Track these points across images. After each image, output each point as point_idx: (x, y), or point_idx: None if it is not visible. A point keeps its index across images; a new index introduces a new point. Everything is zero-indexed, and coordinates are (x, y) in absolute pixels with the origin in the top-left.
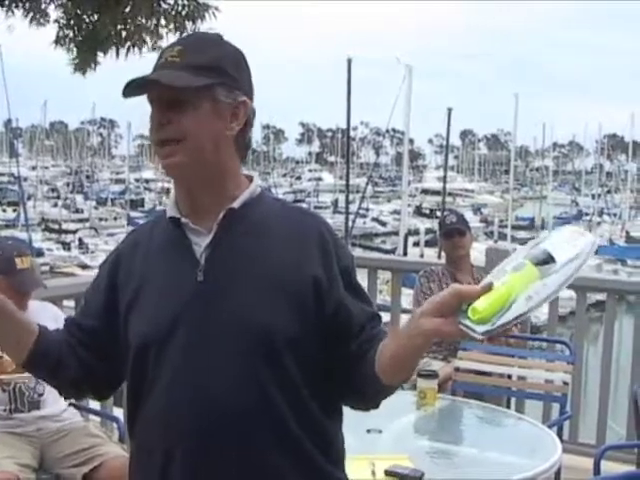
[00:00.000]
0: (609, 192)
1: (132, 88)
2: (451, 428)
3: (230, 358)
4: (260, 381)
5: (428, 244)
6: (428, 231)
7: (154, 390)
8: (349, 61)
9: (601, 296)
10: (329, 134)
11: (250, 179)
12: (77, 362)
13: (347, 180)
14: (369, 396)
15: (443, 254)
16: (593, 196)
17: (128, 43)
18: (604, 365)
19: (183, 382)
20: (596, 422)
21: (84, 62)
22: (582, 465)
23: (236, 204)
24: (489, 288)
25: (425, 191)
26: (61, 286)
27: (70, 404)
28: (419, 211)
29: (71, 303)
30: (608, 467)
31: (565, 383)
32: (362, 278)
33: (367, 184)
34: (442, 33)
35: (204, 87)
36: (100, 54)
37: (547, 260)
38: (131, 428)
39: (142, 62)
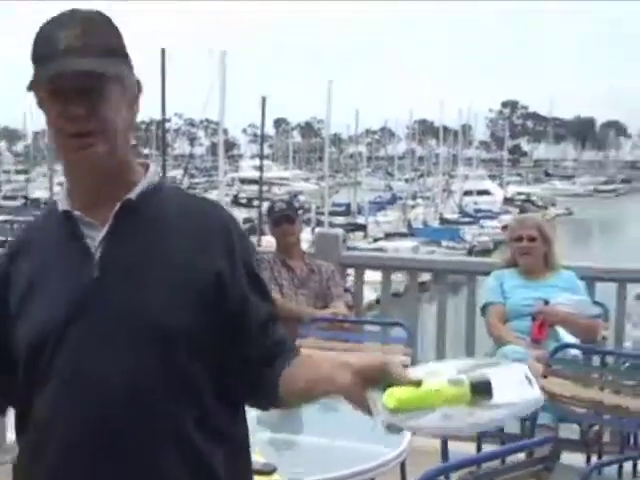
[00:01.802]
0: (421, 176)
1: (42, 78)
2: (297, 418)
3: (125, 356)
4: (154, 379)
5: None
6: (246, 220)
7: (43, 394)
8: (163, 51)
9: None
10: (142, 126)
11: (146, 167)
12: None
13: (164, 172)
14: (264, 403)
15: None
16: (406, 180)
17: None
18: (439, 347)
19: (75, 385)
20: None
21: None
22: (424, 445)
23: (133, 194)
24: (418, 384)
25: (242, 180)
26: None
27: None
28: (236, 201)
29: None
30: (454, 446)
31: (405, 366)
32: None
33: (184, 176)
34: (259, 25)
35: (118, 73)
36: None
37: (485, 393)
38: (20, 432)
39: None
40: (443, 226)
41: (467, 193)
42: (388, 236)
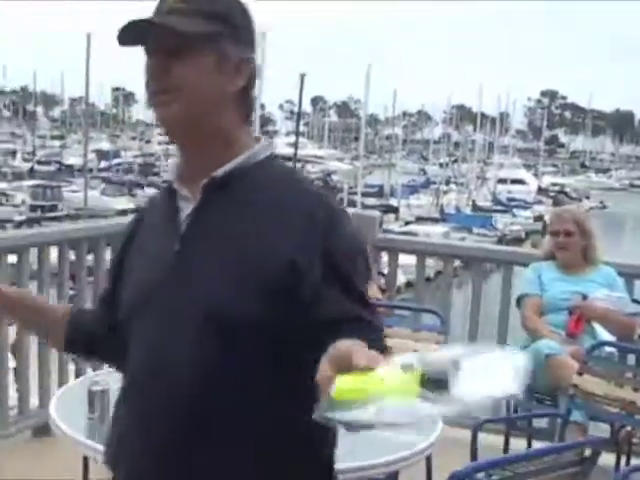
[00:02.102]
0: (456, 161)
1: (130, 34)
2: None
3: (189, 339)
4: (215, 365)
5: None
6: None
7: (128, 364)
8: None
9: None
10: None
11: (258, 140)
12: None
13: None
14: None
15: None
16: (441, 165)
17: None
18: (471, 335)
19: (145, 359)
20: None
21: None
22: (448, 435)
23: (221, 171)
24: (368, 371)
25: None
26: None
27: None
28: None
29: None
30: (479, 438)
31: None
32: None
33: None
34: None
35: (210, 35)
36: None
37: (437, 384)
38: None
39: None
40: (475, 213)
41: (501, 181)
42: (419, 220)
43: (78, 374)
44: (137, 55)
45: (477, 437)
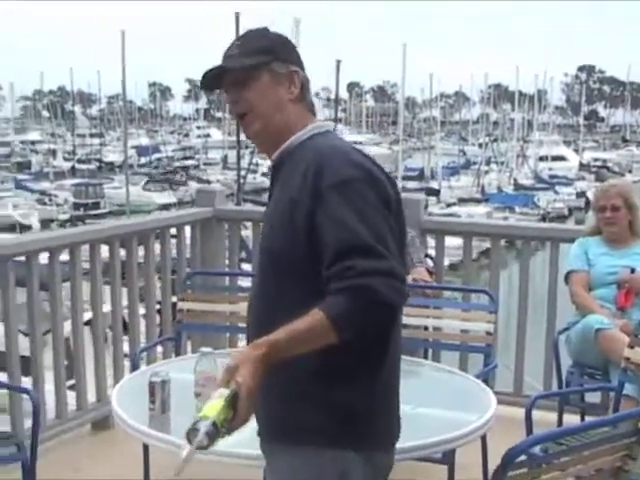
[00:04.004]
0: (495, 141)
1: (207, 84)
2: None
3: (260, 269)
4: (270, 285)
5: None
6: None
7: None
8: (237, 15)
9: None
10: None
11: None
12: None
13: (237, 136)
14: None
15: None
16: (480, 145)
17: None
18: (520, 314)
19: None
20: (513, 371)
21: None
22: (503, 414)
23: (274, 156)
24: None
25: None
26: None
27: None
28: None
29: None
30: (534, 415)
31: (489, 333)
32: None
33: None
34: None
35: (260, 64)
36: None
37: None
38: None
39: None
40: (517, 192)
41: (542, 159)
42: (461, 201)
43: (133, 369)
44: (171, 51)
45: (531, 414)
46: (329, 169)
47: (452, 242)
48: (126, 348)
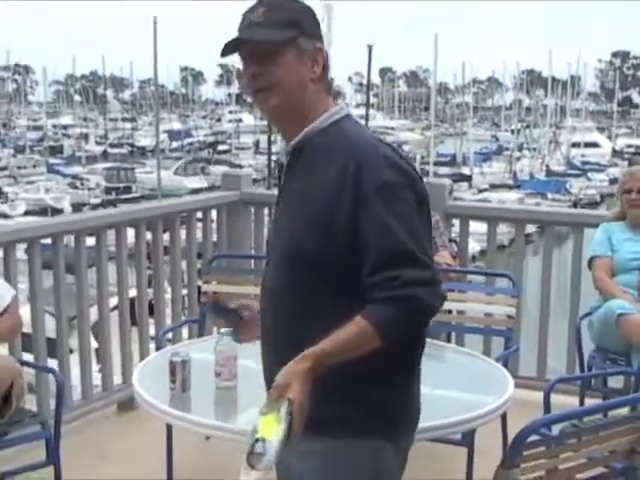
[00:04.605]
0: (528, 127)
1: (227, 48)
2: None
3: (276, 269)
4: (287, 285)
5: None
6: None
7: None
8: None
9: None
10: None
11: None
12: None
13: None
14: None
15: None
16: (513, 131)
17: None
18: (543, 298)
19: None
20: (536, 355)
21: None
22: (525, 398)
23: (294, 141)
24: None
25: None
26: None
27: None
28: None
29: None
30: (556, 399)
31: (510, 317)
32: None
33: None
34: None
35: (288, 39)
36: None
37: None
38: None
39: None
40: (549, 178)
41: (575, 145)
42: (493, 187)
43: (158, 350)
44: (202, 35)
45: (550, 397)
46: (370, 171)
47: (483, 228)
48: (152, 332)
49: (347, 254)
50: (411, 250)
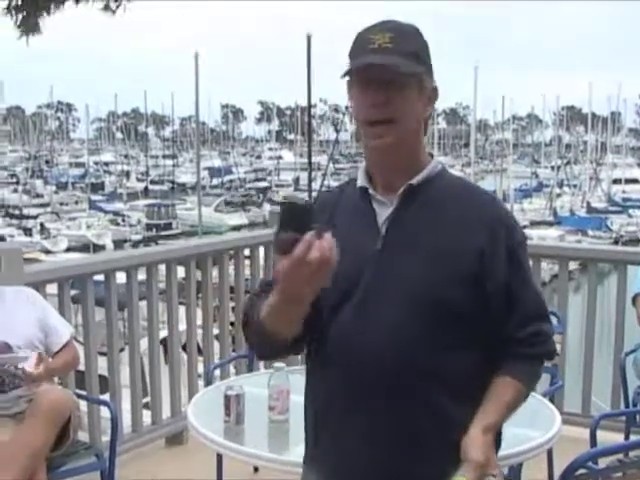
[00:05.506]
0: (568, 163)
1: (355, 69)
2: None
3: (391, 320)
4: (414, 343)
5: None
6: None
7: (324, 350)
8: (309, 38)
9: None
10: (288, 112)
11: (432, 156)
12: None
13: (309, 157)
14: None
15: None
16: (553, 168)
17: None
18: (588, 335)
19: (347, 340)
20: (580, 392)
21: (27, 26)
22: (569, 434)
23: (415, 180)
24: None
25: None
26: (43, 270)
27: None
28: None
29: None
30: (601, 436)
31: (556, 354)
32: None
33: (329, 161)
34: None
35: (419, 73)
36: (45, 14)
37: None
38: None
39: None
40: (590, 215)
41: (616, 181)
42: (534, 224)
43: (207, 385)
44: (243, 73)
45: (596, 432)
46: (515, 227)
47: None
48: (200, 369)
49: (485, 303)
50: (545, 305)
